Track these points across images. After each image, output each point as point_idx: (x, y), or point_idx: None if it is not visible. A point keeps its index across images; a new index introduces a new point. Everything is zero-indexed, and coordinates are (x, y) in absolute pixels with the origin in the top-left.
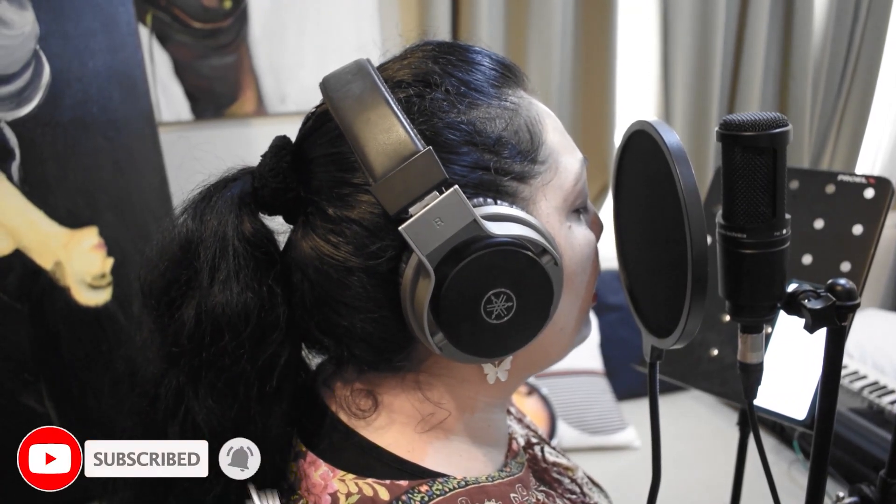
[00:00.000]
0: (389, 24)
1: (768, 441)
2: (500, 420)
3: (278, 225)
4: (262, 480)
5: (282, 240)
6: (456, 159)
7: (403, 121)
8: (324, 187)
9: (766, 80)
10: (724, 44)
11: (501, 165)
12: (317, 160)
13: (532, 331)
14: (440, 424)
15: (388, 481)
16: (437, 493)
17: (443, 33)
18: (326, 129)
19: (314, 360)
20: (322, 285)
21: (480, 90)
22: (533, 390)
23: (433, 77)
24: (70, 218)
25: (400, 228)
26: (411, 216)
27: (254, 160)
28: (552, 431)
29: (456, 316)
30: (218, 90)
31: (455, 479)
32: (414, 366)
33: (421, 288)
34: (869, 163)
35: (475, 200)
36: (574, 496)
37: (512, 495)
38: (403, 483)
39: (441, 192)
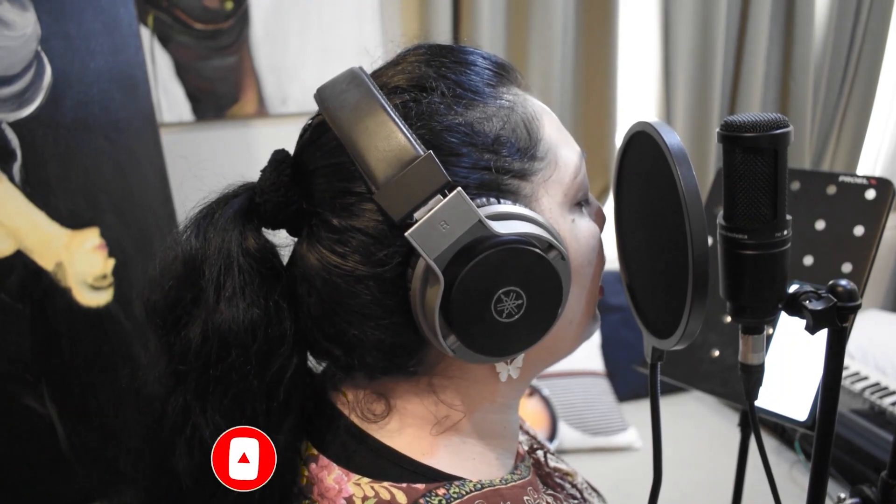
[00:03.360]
0: (391, 26)
1: (769, 442)
2: (514, 421)
3: (280, 240)
4: (270, 493)
5: (283, 254)
6: (456, 161)
7: (402, 126)
8: (326, 198)
9: (768, 81)
10: (725, 44)
11: (501, 164)
12: (317, 171)
13: (543, 327)
14: (454, 427)
15: (404, 484)
16: (455, 496)
17: (444, 35)
18: (325, 140)
19: (320, 365)
20: (330, 296)
21: (476, 90)
22: (534, 391)
23: (428, 81)
24: (71, 219)
25: (406, 234)
26: (416, 221)
27: (255, 162)
28: (553, 432)
29: (467, 317)
30: (219, 91)
31: (471, 482)
32: (426, 369)
33: (430, 292)
34: (870, 164)
35: (478, 201)
36: (576, 501)
37: (525, 498)
38: (420, 486)
39: (444, 195)
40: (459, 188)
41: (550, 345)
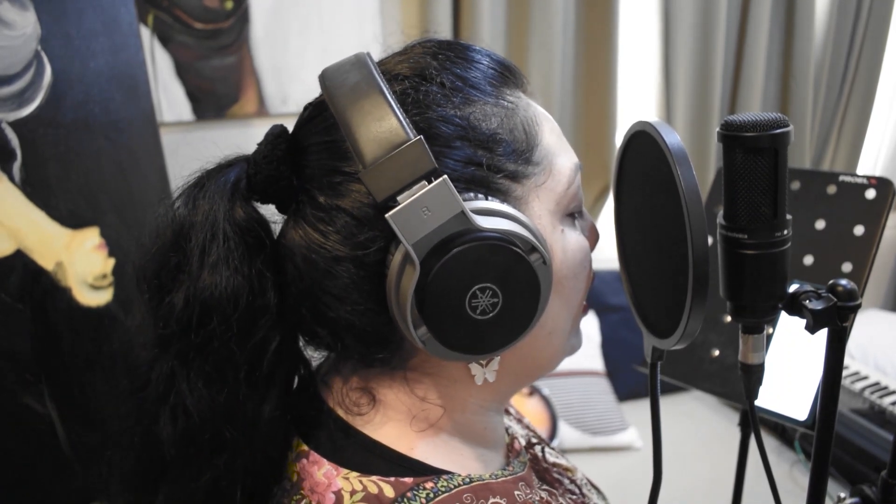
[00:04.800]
0: (391, 25)
1: (769, 442)
2: (496, 423)
3: (271, 213)
4: (256, 471)
5: (276, 230)
6: (448, 153)
7: (396, 110)
8: (316, 175)
9: (768, 81)
10: (725, 44)
11: (494, 163)
12: (311, 148)
13: (517, 329)
14: (434, 424)
15: (392, 478)
16: (443, 489)
17: (444, 34)
18: (322, 118)
19: (315, 362)
20: (310, 274)
21: (477, 87)
22: (534, 391)
23: (430, 71)
24: (71, 218)
25: (387, 216)
26: (399, 204)
27: None
28: (553, 432)
29: (440, 309)
30: (219, 91)
31: (459, 475)
32: (402, 362)
33: (406, 279)
34: (870, 163)
35: (466, 195)
36: (574, 496)
37: (516, 493)
38: (408, 480)
39: (430, 182)
40: (445, 176)
41: (528, 354)
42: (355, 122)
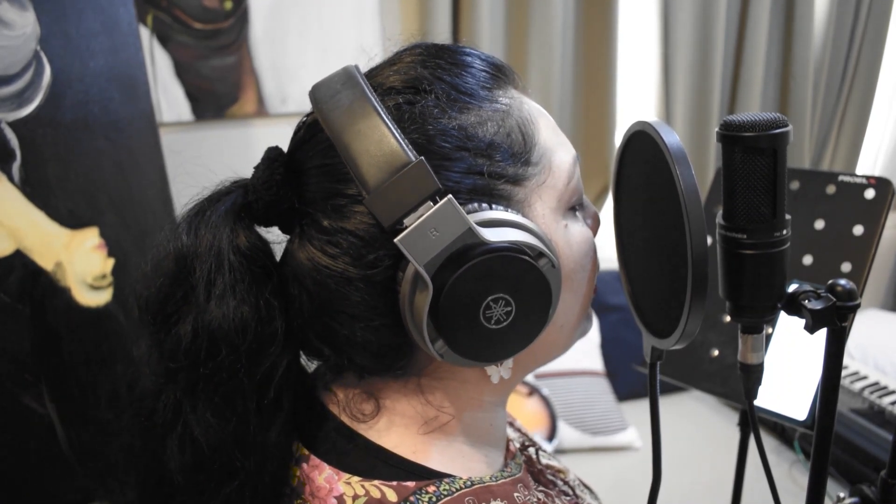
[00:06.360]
0: (391, 25)
1: (769, 441)
2: (501, 419)
3: (274, 236)
4: (265, 491)
5: (277, 250)
6: (449, 166)
7: (394, 131)
8: (318, 199)
9: (767, 81)
10: (724, 44)
11: (494, 169)
12: (310, 171)
13: (532, 333)
14: (442, 427)
15: (394, 482)
16: (445, 493)
17: (443, 34)
18: (318, 140)
19: (312, 364)
20: (320, 296)
21: (471, 93)
22: (533, 391)
23: (423, 83)
24: (71, 218)
25: (395, 240)
26: (406, 227)
27: (254, 161)
28: (553, 432)
29: (455, 323)
30: (219, 91)
31: (461, 479)
32: (416, 371)
33: (419, 297)
34: (870, 163)
35: (469, 206)
36: (568, 497)
37: (515, 495)
38: (410, 484)
39: (435, 202)
40: (450, 196)
41: (541, 348)
42: (354, 148)
